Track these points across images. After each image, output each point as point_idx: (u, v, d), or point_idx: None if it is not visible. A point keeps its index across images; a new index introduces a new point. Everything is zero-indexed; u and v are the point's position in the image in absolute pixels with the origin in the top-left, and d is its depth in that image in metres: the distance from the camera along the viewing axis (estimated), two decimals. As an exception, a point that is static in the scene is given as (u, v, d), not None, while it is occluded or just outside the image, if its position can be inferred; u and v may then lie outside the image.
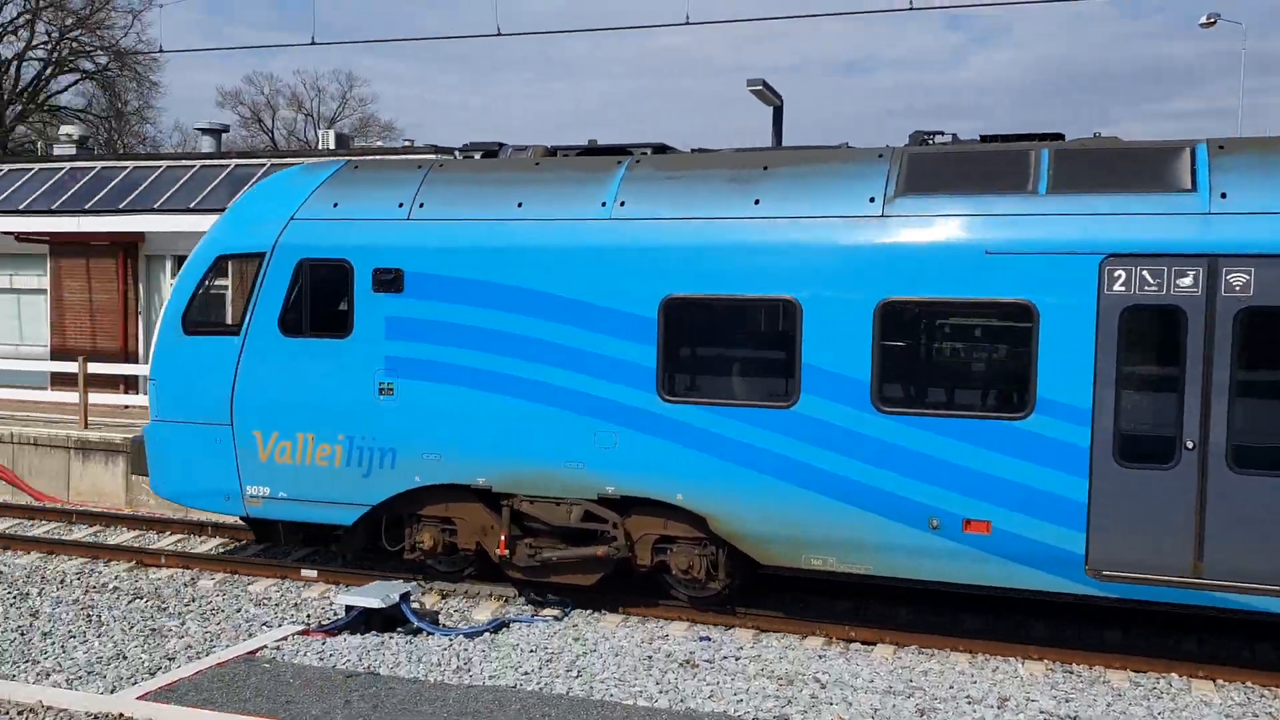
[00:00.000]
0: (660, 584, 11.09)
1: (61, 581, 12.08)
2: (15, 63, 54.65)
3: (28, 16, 54.12)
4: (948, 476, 9.54)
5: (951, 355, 9.83)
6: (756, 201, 10.20)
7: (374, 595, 10.24)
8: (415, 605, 10.58)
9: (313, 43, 17.93)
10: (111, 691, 8.66)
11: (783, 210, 10.10)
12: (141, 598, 11.48)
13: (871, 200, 9.87)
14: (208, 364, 11.71)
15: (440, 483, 11.07)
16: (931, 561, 9.72)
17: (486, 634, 10.22)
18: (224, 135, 29.49)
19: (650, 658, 9.70)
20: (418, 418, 11.02)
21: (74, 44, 55.32)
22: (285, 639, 9.90)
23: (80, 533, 14.25)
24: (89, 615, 10.84)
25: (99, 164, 23.35)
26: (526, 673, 9.20)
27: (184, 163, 22.82)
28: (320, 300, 11.41)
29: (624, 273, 10.38)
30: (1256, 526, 8.84)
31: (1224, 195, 9.06)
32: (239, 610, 11.07)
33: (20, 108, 54.83)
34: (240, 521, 12.98)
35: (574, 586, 11.11)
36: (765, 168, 10.48)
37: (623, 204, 10.59)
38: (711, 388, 10.26)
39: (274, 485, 11.59)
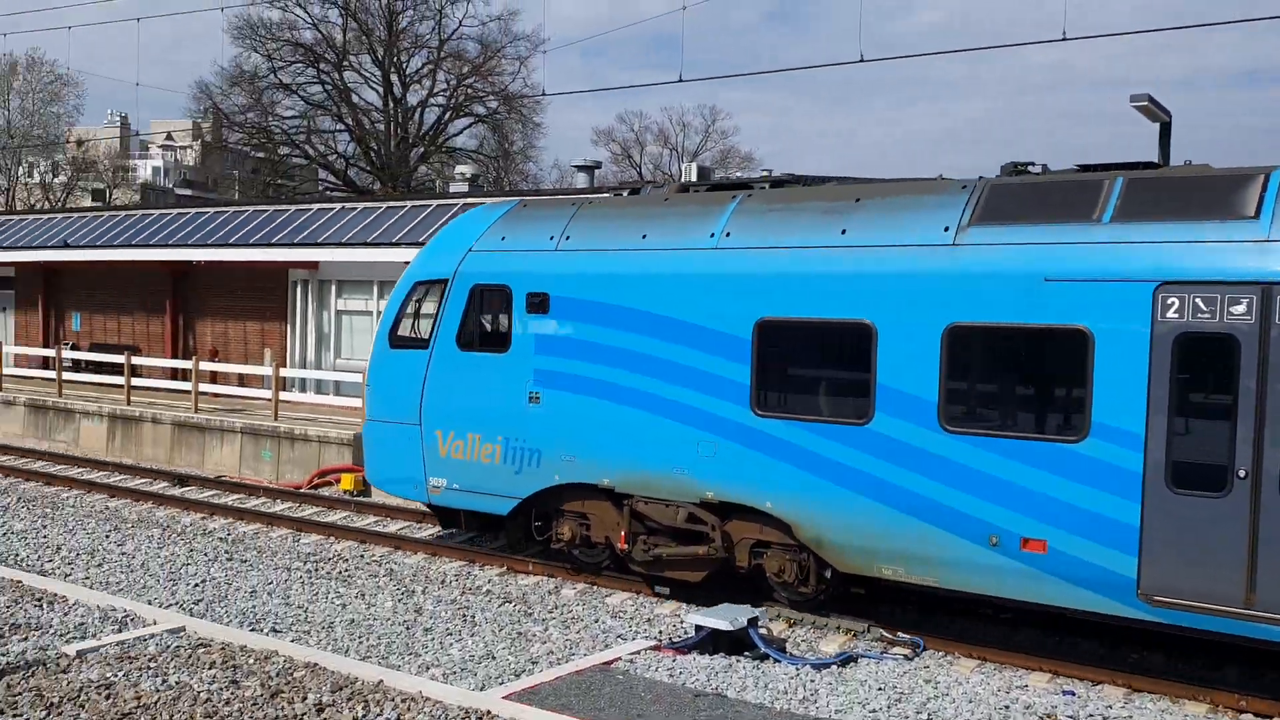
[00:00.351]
0: (762, 586, 11.85)
1: (442, 581, 13.11)
2: (419, 109, 60.56)
3: (431, 67, 59.86)
4: (1007, 496, 9.86)
5: (1012, 379, 10.18)
6: (843, 231, 10.96)
7: (723, 617, 10.35)
8: (763, 631, 10.60)
9: (680, 80, 18.56)
10: (481, 689, 9.26)
11: (865, 239, 10.79)
12: (510, 602, 12.24)
13: (945, 230, 10.39)
14: (405, 373, 13.69)
15: (574, 481, 12.51)
16: (992, 578, 10.06)
17: (834, 666, 10.05)
18: (596, 171, 31.18)
19: (1007, 708, 9.16)
20: (557, 423, 12.54)
21: (469, 90, 60.55)
22: (639, 653, 10.19)
23: (460, 538, 15.41)
24: (464, 615, 11.68)
25: (488, 200, 25.35)
26: (874, 710, 8.96)
27: (558, 199, 24.30)
28: (487, 319, 13.29)
29: (724, 297, 11.43)
30: None
31: None
32: (597, 620, 11.54)
33: (422, 150, 60.70)
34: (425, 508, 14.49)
35: (683, 582, 12.16)
36: (857, 199, 11.23)
37: (728, 235, 11.65)
38: (796, 404, 11.12)
39: (449, 477, 13.42)
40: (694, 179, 14.73)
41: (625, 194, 13.22)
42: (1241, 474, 9.00)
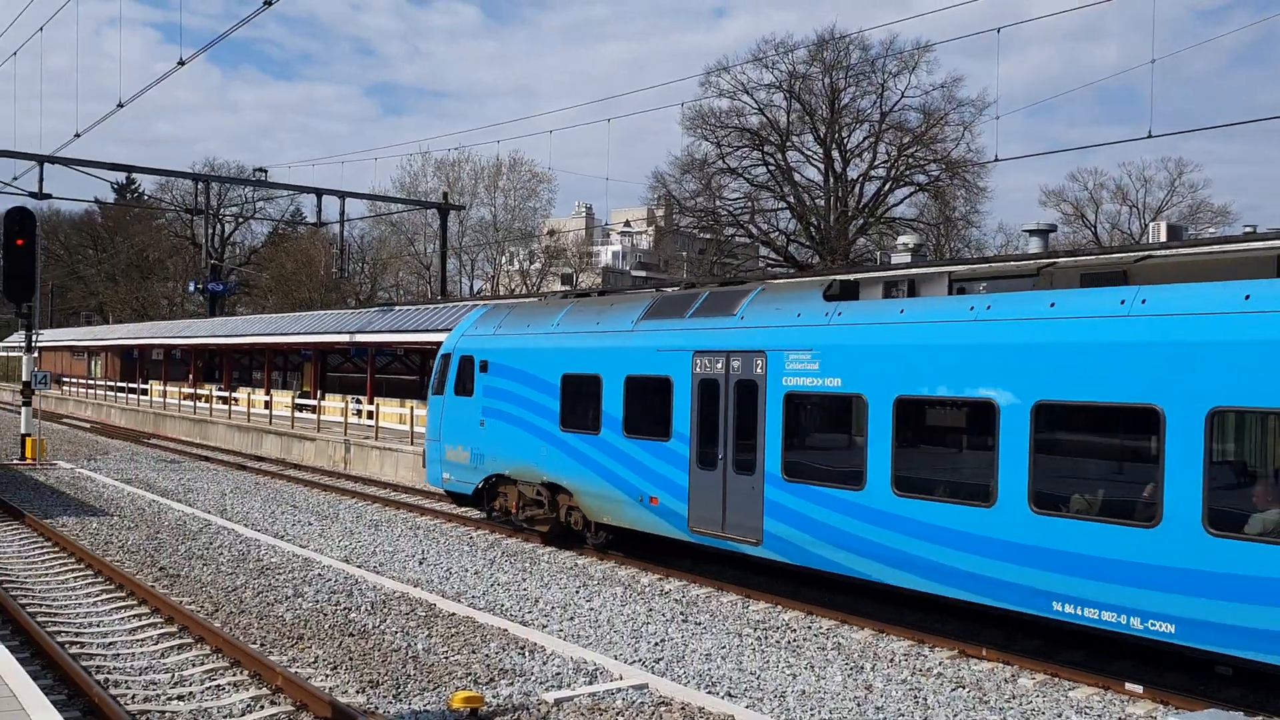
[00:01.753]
0: (581, 536, 19.16)
1: (891, 660, 12.85)
2: (859, 182, 61.18)
3: (871, 140, 60.37)
4: (645, 473, 16.91)
5: (648, 405, 16.92)
6: (597, 322, 18.42)
7: (1211, 724, 9.28)
8: (1261, 744, 9.37)
9: (1149, 136, 17.29)
10: (937, 775, 8.91)
11: (602, 328, 18.19)
12: (964, 687, 11.75)
13: (632, 322, 17.63)
14: (436, 410, 22.18)
15: (498, 473, 20.36)
16: (643, 519, 17.06)
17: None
18: (1050, 235, 29.77)
19: None
20: (491, 438, 20.45)
21: (909, 159, 60.32)
22: (1110, 755, 9.38)
23: (910, 619, 15.05)
24: (916, 696, 11.35)
25: (930, 269, 24.98)
26: None
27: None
28: (466, 377, 21.16)
29: (552, 361, 18.99)
30: (742, 505, 15.28)
31: (743, 317, 15.69)
32: (1060, 715, 10.78)
33: (862, 221, 61.10)
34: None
35: (540, 532, 19.89)
36: (611, 304, 18.84)
37: (559, 324, 19.33)
38: (573, 422, 18.46)
39: (451, 472, 21.77)
40: (1163, 238, 13.74)
41: (542, 299, 22.78)
42: (722, 458, 15.64)
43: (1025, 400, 11.93)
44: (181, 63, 20.66)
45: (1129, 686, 11.48)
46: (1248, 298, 10.37)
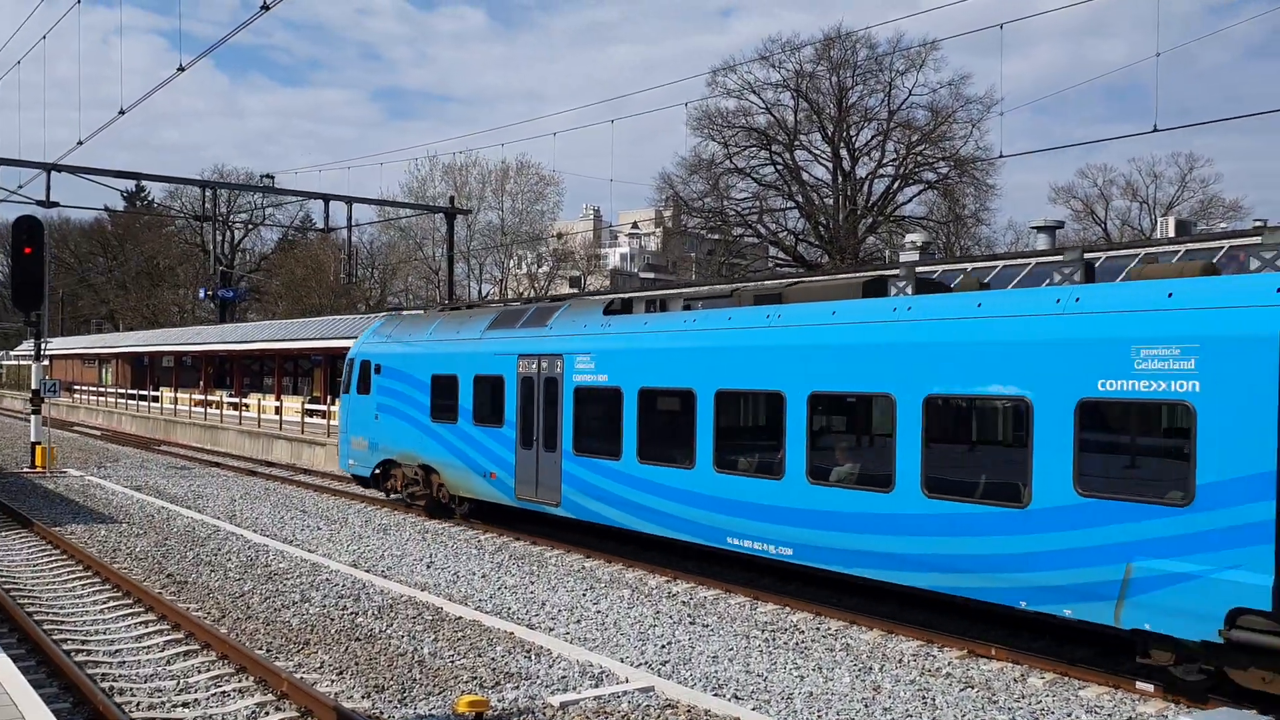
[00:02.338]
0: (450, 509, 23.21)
1: (900, 660, 12.75)
2: (868, 180, 60.99)
3: (879, 138, 60.18)
4: (486, 454, 20.94)
5: (489, 398, 20.92)
6: (457, 331, 22.43)
7: (1222, 723, 9.22)
8: (1273, 742, 9.28)
9: (1154, 130, 17.18)
10: (945, 777, 8.81)
11: (459, 336, 22.25)
12: (973, 687, 11.65)
13: (481, 331, 21.66)
14: (344, 407, 25.88)
15: (389, 458, 24.22)
16: (488, 489, 21.04)
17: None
18: (1058, 231, 29.63)
19: None
20: (383, 430, 24.24)
21: (918, 157, 60.12)
22: (1120, 755, 9.27)
23: (918, 618, 14.96)
24: (924, 697, 11.25)
25: (939, 267, 24.88)
26: None
27: (1018, 262, 23.33)
28: (365, 378, 24.91)
29: (424, 363, 22.88)
30: (549, 475, 19.23)
31: (551, 328, 19.76)
32: (1070, 715, 10.68)
33: (871, 220, 60.90)
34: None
35: (419, 506, 23.79)
36: (471, 316, 22.81)
37: (432, 332, 23.21)
38: (439, 414, 22.32)
39: (354, 459, 25.47)
40: (1171, 233, 13.65)
41: (423, 311, 27.16)
42: (536, 439, 19.52)
43: (710, 389, 15.98)
44: (181, 68, 20.65)
45: (1140, 685, 11.37)
46: (834, 314, 14.41)
